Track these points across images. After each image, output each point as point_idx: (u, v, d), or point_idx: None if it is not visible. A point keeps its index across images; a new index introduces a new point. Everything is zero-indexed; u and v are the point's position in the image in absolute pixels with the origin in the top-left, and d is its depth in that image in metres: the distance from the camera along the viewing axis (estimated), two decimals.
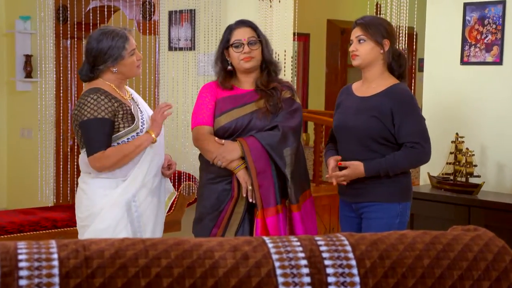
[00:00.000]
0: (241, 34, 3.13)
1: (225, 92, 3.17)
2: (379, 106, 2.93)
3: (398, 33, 4.11)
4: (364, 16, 3.06)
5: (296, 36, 4.87)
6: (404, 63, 3.04)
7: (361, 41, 2.99)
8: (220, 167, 3.06)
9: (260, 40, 3.14)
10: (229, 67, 3.17)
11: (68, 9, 5.55)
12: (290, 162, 3.05)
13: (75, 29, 5.47)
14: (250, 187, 3.02)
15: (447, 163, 3.87)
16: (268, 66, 3.16)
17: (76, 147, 5.68)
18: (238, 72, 3.17)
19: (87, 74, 3.07)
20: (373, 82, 3.02)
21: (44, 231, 4.44)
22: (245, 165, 3.02)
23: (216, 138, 3.08)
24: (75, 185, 5.47)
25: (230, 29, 3.17)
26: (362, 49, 2.99)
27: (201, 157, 3.24)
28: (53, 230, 4.41)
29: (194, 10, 4.82)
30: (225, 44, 3.16)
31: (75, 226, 4.48)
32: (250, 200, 3.04)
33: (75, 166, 5.60)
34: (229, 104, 3.14)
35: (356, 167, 2.94)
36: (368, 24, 2.99)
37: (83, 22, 5.51)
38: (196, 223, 3.22)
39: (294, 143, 3.07)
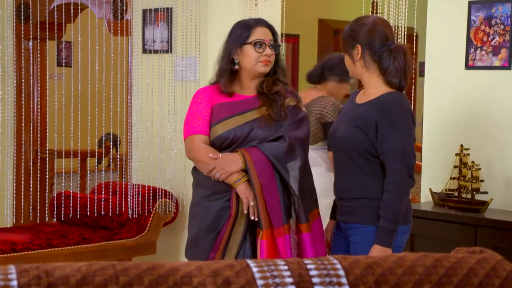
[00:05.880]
0: (264, 35, 3.13)
1: (222, 97, 3.16)
2: (364, 116, 2.91)
3: (396, 34, 4.14)
4: (349, 23, 3.05)
5: (284, 37, 4.89)
6: (389, 62, 2.89)
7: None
8: (218, 180, 3.02)
9: (279, 45, 3.19)
10: (236, 67, 3.15)
11: (30, 6, 5.54)
12: (298, 177, 3.03)
13: (38, 29, 5.46)
14: (252, 203, 2.98)
15: (450, 178, 3.89)
16: (277, 72, 3.18)
17: (39, 160, 5.66)
18: (246, 75, 3.15)
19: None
20: (368, 89, 3.03)
21: (1, 255, 4.41)
22: (247, 178, 2.99)
23: (211, 154, 3.04)
24: (37, 203, 5.44)
25: (248, 26, 3.15)
26: (345, 61, 3.06)
27: (194, 171, 3.20)
28: (11, 254, 4.37)
29: (171, 8, 4.83)
30: (243, 41, 3.12)
31: (37, 249, 4.47)
32: (252, 218, 3.00)
33: (38, 182, 5.57)
34: (226, 111, 3.12)
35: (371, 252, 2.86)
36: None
37: (46, 21, 5.50)
38: (190, 247, 3.18)
39: (301, 156, 3.05)
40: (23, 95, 5.65)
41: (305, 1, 8.17)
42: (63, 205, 4.81)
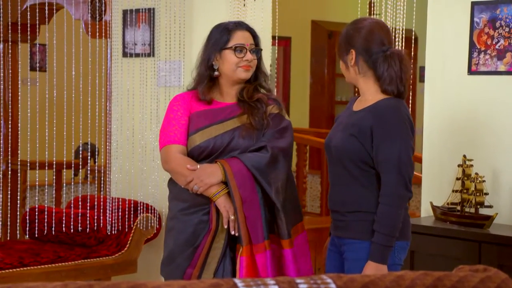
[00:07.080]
0: (244, 38, 3.17)
1: (201, 105, 3.19)
2: (359, 124, 2.92)
3: (394, 37, 4.16)
4: (346, 26, 3.08)
5: (274, 40, 4.90)
6: (383, 68, 2.92)
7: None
8: (196, 193, 3.06)
9: (260, 49, 3.22)
10: (216, 73, 3.18)
11: (1, 6, 5.52)
12: (281, 190, 3.08)
13: (9, 31, 5.44)
14: (232, 217, 3.03)
15: (453, 191, 3.90)
16: (259, 78, 3.23)
17: (10, 172, 5.63)
18: (225, 81, 3.19)
19: None
20: (364, 96, 3.04)
21: None
22: (227, 191, 3.04)
23: (189, 165, 3.08)
24: (8, 219, 5.41)
25: (227, 29, 3.18)
26: (341, 66, 3.10)
27: (171, 183, 3.25)
28: None
29: (153, 9, 4.83)
30: (222, 45, 3.16)
31: (7, 269, 4.45)
32: (232, 233, 3.05)
33: (8, 195, 5.55)
34: (205, 119, 3.15)
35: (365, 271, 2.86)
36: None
37: (19, 23, 5.49)
38: (166, 264, 3.21)
39: (284, 167, 3.11)
40: None
41: (297, 2, 8.20)
42: (36, 221, 4.79)
